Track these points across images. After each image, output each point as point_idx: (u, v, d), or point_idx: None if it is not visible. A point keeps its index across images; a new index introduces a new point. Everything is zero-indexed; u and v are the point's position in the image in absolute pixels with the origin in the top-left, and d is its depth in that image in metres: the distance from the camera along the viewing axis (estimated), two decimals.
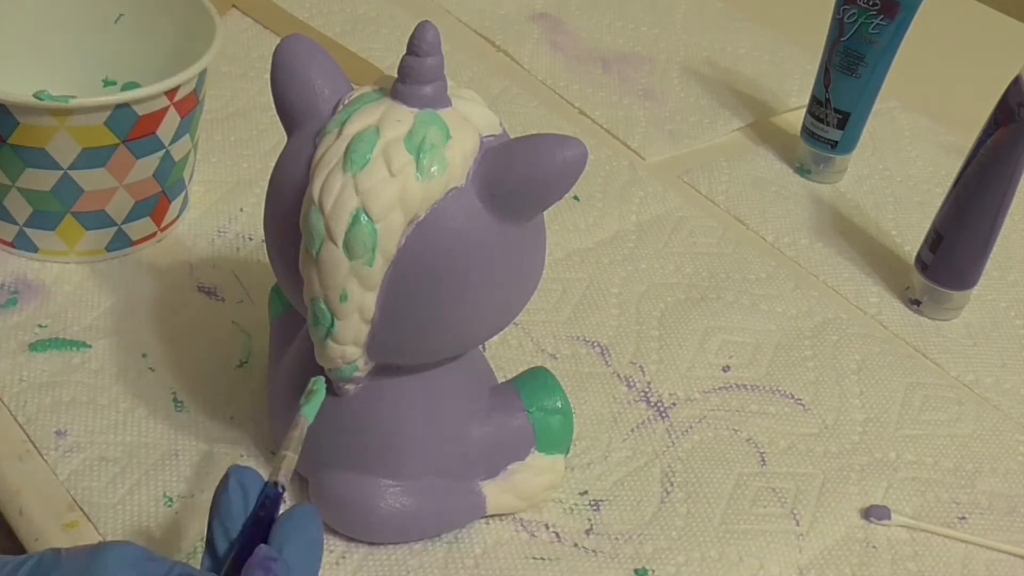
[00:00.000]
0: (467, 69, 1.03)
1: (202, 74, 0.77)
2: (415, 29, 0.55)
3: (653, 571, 0.65)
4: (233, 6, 1.06)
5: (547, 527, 0.66)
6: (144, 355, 0.72)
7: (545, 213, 0.58)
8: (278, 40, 0.62)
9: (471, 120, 0.56)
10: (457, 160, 0.55)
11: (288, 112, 0.59)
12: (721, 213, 0.92)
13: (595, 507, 0.68)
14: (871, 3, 0.89)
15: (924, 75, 1.10)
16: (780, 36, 1.16)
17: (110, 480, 0.65)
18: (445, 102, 0.56)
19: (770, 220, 0.92)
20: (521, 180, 0.55)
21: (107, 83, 0.85)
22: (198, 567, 0.49)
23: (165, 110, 0.74)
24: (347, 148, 0.55)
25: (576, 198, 0.90)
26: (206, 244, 0.81)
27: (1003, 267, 0.90)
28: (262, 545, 0.49)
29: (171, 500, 0.64)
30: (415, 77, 0.56)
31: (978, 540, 0.69)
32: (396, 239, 0.54)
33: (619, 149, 0.97)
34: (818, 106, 0.94)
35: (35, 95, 0.70)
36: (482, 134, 0.56)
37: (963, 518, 0.70)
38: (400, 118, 0.55)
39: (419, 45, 0.55)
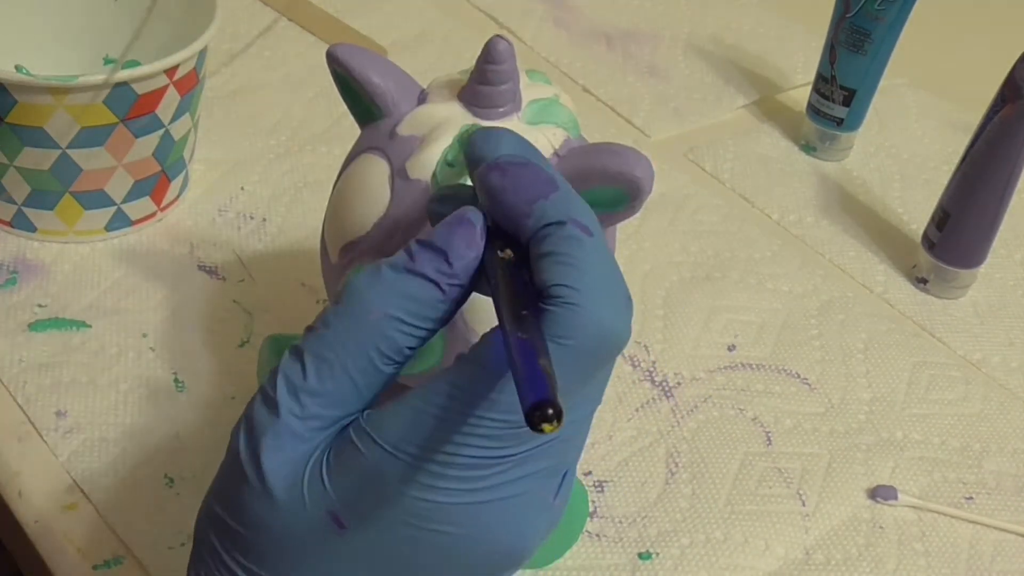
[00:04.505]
0: (470, 47, 1.03)
1: (202, 52, 0.76)
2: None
3: (657, 554, 0.64)
4: None
5: None
6: (144, 335, 0.72)
7: None
8: (279, 18, 0.61)
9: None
10: None
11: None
12: (726, 191, 0.91)
13: (599, 488, 0.67)
14: None
15: (930, 52, 1.09)
16: (785, 13, 1.15)
17: (110, 461, 0.65)
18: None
19: (776, 198, 0.91)
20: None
21: (107, 61, 0.84)
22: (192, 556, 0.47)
23: (165, 88, 0.74)
24: None
25: None
26: (207, 223, 0.81)
27: (1010, 245, 0.90)
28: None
29: (172, 480, 0.64)
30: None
31: (985, 520, 0.68)
32: None
33: (624, 127, 0.97)
34: (824, 83, 0.94)
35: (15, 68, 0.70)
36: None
37: (970, 498, 0.70)
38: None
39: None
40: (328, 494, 0.40)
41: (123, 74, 0.71)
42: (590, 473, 0.68)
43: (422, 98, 0.56)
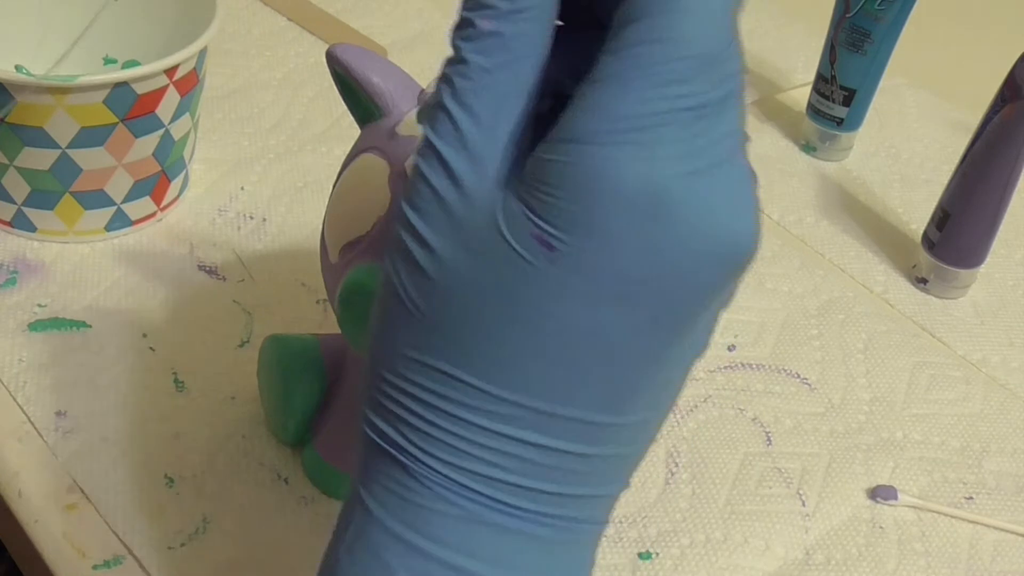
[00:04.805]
0: None
1: (202, 52, 0.76)
2: None
3: (657, 554, 0.64)
4: None
5: None
6: (144, 335, 0.72)
7: None
8: (279, 17, 0.61)
9: None
10: None
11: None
12: None
13: None
14: None
15: (931, 52, 1.09)
16: (785, 13, 1.15)
17: (111, 461, 0.65)
18: None
19: (775, 198, 0.91)
20: None
21: (107, 61, 0.84)
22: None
23: (165, 88, 0.74)
24: None
25: None
26: (207, 223, 0.81)
27: (1010, 245, 0.90)
28: None
29: (172, 481, 0.64)
30: None
31: (985, 520, 0.68)
32: None
33: None
34: (824, 83, 0.94)
35: (15, 68, 0.70)
36: None
37: (970, 498, 0.70)
38: None
39: None
40: (526, 213, 0.36)
41: (123, 74, 0.71)
42: None
43: (422, 98, 0.56)
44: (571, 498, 0.40)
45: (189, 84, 0.76)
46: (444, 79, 0.37)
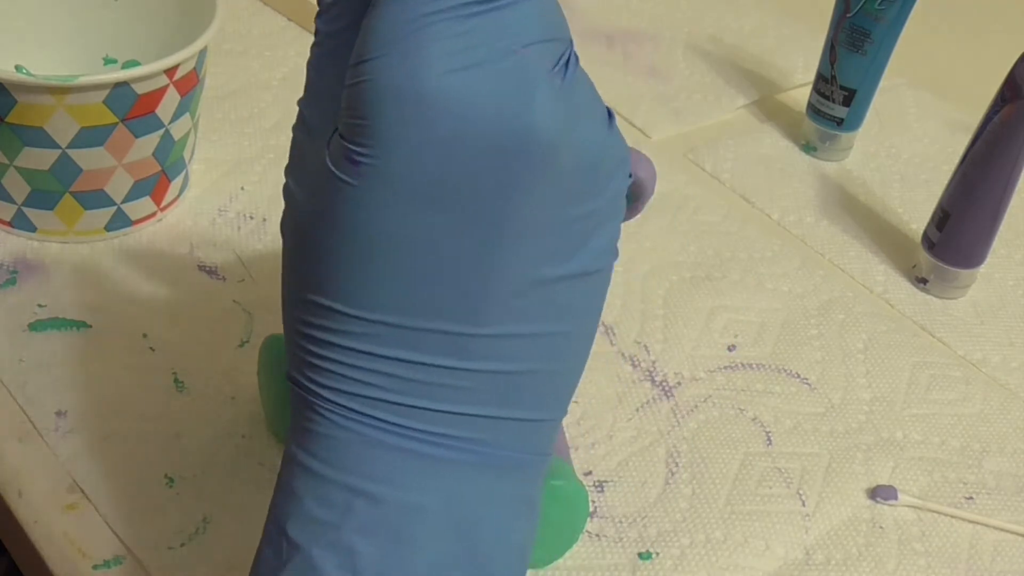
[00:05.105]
0: None
1: (202, 52, 0.76)
2: None
3: (657, 554, 0.64)
4: None
5: None
6: (144, 335, 0.72)
7: None
8: (279, 17, 0.61)
9: None
10: None
11: None
12: (726, 191, 0.91)
13: (599, 488, 0.67)
14: None
15: (931, 52, 1.09)
16: (785, 13, 1.15)
17: (111, 461, 0.65)
18: None
19: (776, 198, 0.91)
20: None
21: (107, 61, 0.84)
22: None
23: (165, 88, 0.74)
24: None
25: None
26: (207, 223, 0.81)
27: (1010, 245, 0.90)
28: None
29: (173, 480, 0.64)
30: None
31: (985, 520, 0.68)
32: None
33: (624, 127, 0.97)
34: (824, 83, 0.94)
35: (15, 68, 0.70)
36: None
37: (970, 498, 0.70)
38: None
39: None
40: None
41: (123, 74, 0.71)
42: (590, 473, 0.68)
43: None
44: (460, 417, 0.41)
45: (189, 84, 0.76)
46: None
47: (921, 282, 0.84)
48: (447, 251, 0.39)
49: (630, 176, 0.44)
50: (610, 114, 0.43)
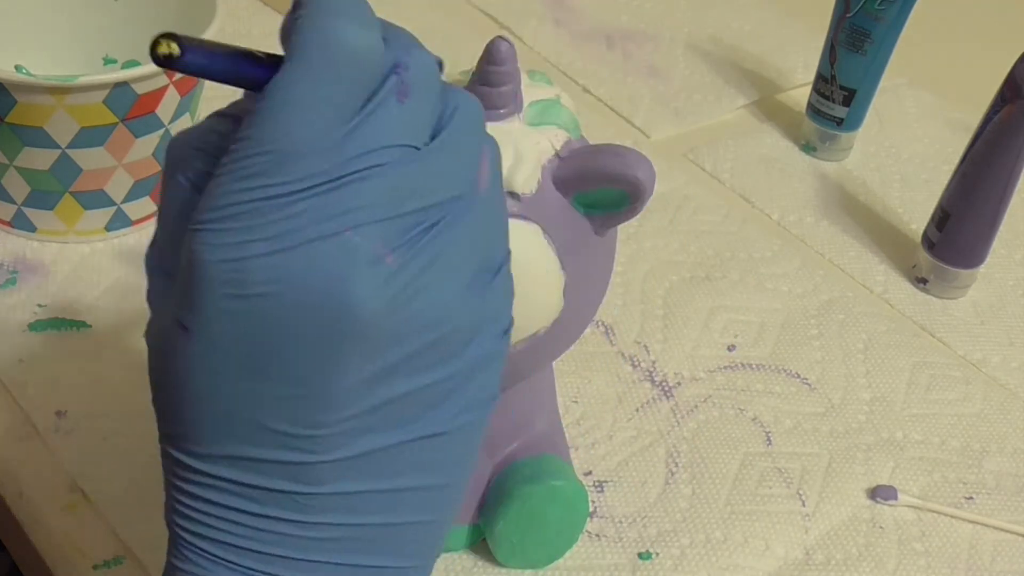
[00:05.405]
0: (470, 47, 1.02)
1: None
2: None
3: (657, 554, 0.64)
4: None
5: None
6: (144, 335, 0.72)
7: None
8: (279, 17, 0.60)
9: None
10: None
11: None
12: (726, 191, 0.91)
13: (599, 488, 0.67)
14: None
15: (930, 52, 1.09)
16: (785, 13, 1.15)
17: (111, 461, 0.65)
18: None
19: (776, 198, 0.91)
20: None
21: (107, 61, 0.84)
22: None
23: (164, 88, 0.74)
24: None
25: None
26: None
27: (1010, 245, 0.90)
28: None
29: None
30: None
31: (985, 520, 0.68)
32: None
33: (623, 127, 0.97)
34: (824, 83, 0.94)
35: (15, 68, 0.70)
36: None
37: (970, 498, 0.70)
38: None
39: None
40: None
41: (123, 74, 0.71)
42: (590, 473, 0.68)
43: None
44: (315, 564, 0.41)
45: (189, 84, 0.76)
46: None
47: (921, 282, 0.84)
48: (270, 414, 0.39)
49: (506, 333, 0.43)
50: (501, 265, 0.43)
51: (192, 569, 0.42)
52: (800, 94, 1.01)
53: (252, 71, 0.39)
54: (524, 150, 0.53)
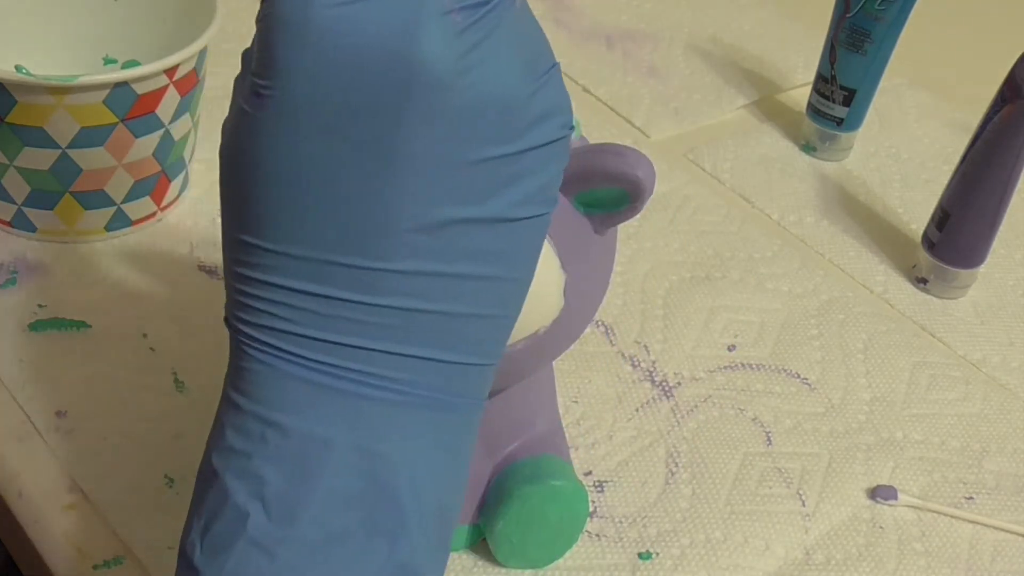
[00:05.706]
0: None
1: (202, 52, 0.76)
2: None
3: (657, 554, 0.64)
4: None
5: None
6: (144, 335, 0.72)
7: None
8: None
9: None
10: None
11: None
12: (726, 191, 0.91)
13: (599, 488, 0.67)
14: None
15: (930, 52, 1.09)
16: (785, 13, 1.15)
17: (111, 461, 0.65)
18: None
19: (776, 198, 0.91)
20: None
21: (107, 61, 0.84)
22: None
23: (165, 88, 0.74)
24: None
25: None
26: (207, 223, 0.81)
27: (1010, 245, 0.90)
28: None
29: (173, 481, 0.64)
30: None
31: (985, 520, 0.68)
32: None
33: (623, 127, 0.97)
34: (824, 83, 0.94)
35: (15, 68, 0.70)
36: None
37: (970, 498, 0.70)
38: None
39: None
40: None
41: (123, 74, 0.71)
42: (590, 473, 0.68)
43: None
44: (371, 353, 0.42)
45: (189, 84, 0.76)
46: None
47: (921, 282, 0.84)
48: (344, 181, 0.40)
49: (571, 128, 0.44)
50: (552, 66, 0.43)
51: (249, 365, 0.43)
52: (800, 94, 1.01)
53: None
54: None
